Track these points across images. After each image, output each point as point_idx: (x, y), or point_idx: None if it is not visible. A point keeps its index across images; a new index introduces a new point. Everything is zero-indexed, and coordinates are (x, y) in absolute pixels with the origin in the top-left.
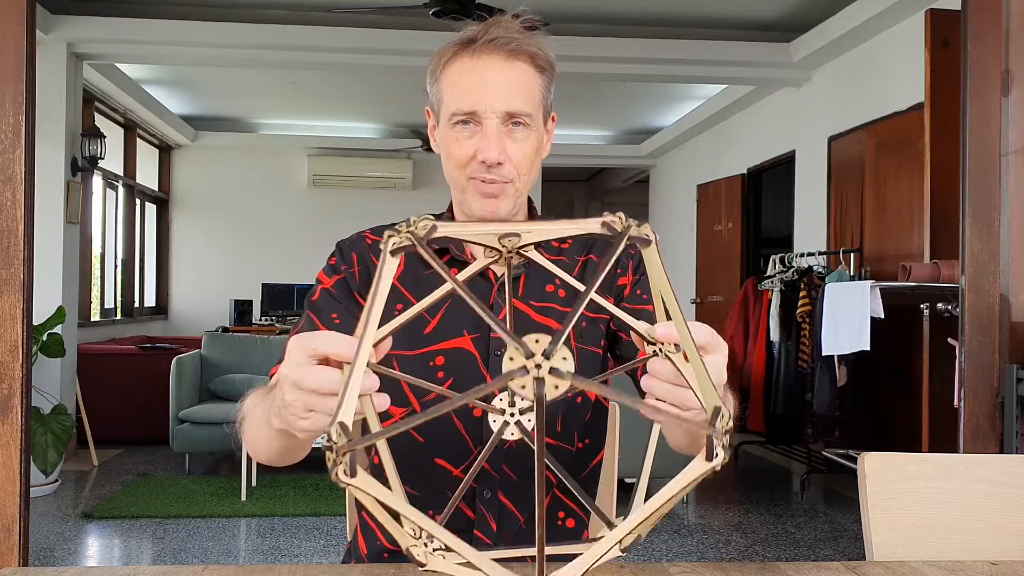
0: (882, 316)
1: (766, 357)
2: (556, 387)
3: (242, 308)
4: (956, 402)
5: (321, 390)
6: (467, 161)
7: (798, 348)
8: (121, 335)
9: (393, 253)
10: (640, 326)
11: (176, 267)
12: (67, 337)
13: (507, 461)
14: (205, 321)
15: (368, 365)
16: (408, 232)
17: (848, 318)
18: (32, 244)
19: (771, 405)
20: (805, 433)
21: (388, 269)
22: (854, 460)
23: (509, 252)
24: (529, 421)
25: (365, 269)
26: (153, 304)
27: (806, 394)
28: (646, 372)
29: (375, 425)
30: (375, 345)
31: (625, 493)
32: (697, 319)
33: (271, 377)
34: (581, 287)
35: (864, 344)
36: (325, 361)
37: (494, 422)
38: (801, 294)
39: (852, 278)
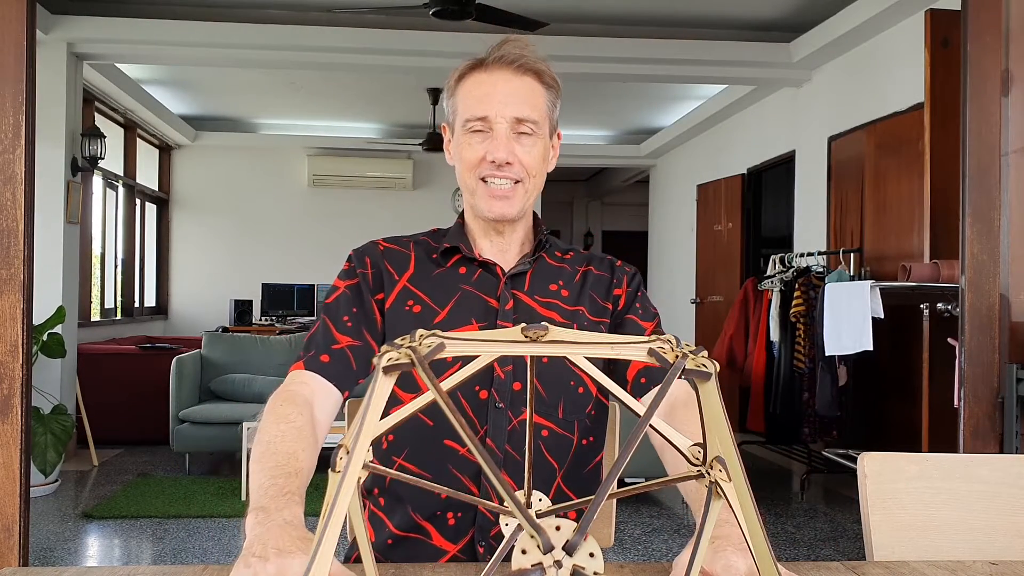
0: (882, 316)
1: (766, 357)
2: None
3: (242, 308)
4: (956, 402)
5: None
6: (478, 163)
7: (793, 348)
8: (121, 335)
9: (387, 372)
10: (682, 445)
11: (176, 267)
12: (67, 337)
13: (510, 442)
14: (205, 321)
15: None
16: (407, 348)
17: (850, 318)
18: (32, 244)
19: (771, 405)
20: (803, 433)
21: (380, 390)
22: (854, 460)
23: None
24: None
25: (378, 272)
26: (153, 304)
27: (803, 394)
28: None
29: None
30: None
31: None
32: (697, 319)
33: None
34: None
35: (867, 344)
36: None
37: (506, 526)
38: (796, 294)
39: (852, 278)
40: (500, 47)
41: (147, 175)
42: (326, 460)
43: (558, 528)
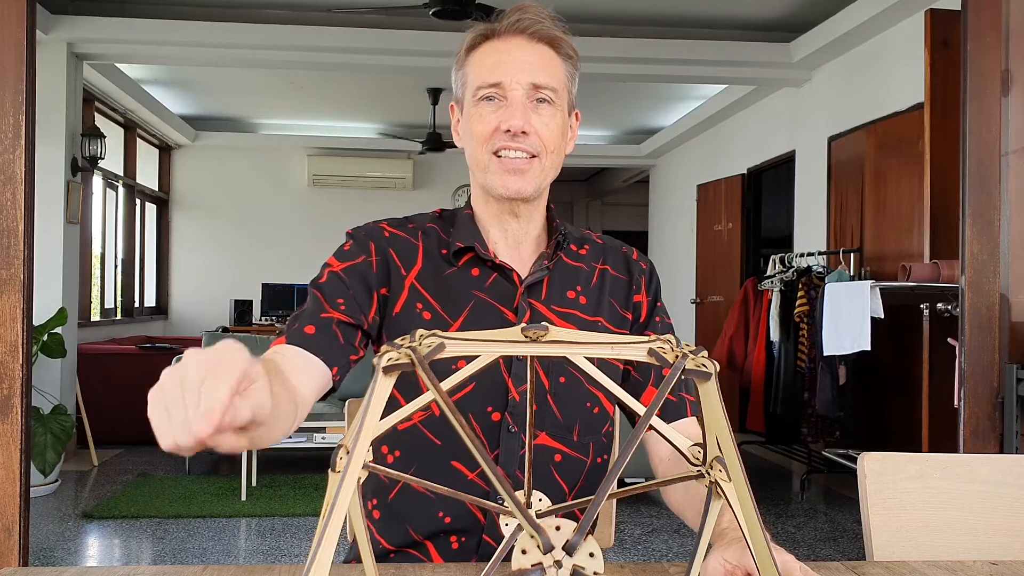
0: (882, 316)
1: (766, 357)
2: None
3: (242, 308)
4: (956, 402)
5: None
6: (490, 134)
7: (796, 348)
8: (121, 335)
9: (387, 372)
10: (682, 445)
11: (176, 267)
12: (67, 337)
13: (520, 465)
14: (205, 321)
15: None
16: (407, 348)
17: (849, 318)
18: (32, 244)
19: (771, 405)
20: (801, 432)
21: (381, 391)
22: (854, 460)
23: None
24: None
25: (383, 261)
26: (153, 304)
27: (804, 394)
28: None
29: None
30: None
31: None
32: (697, 319)
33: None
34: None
35: (865, 344)
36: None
37: (506, 526)
38: (799, 294)
39: (852, 278)
40: (512, 13)
41: (147, 175)
42: (326, 460)
43: (558, 528)
